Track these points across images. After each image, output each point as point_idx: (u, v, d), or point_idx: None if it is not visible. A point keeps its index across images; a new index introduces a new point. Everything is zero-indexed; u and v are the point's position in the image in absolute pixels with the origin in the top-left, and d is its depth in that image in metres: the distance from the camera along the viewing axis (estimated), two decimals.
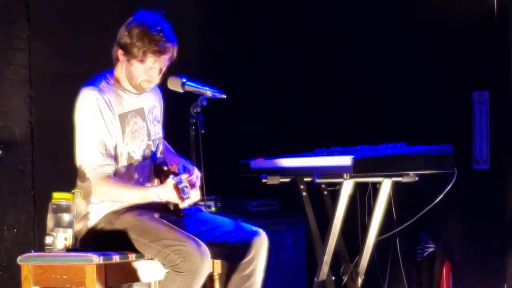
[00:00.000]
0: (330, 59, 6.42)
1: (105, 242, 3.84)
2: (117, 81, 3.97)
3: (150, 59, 3.87)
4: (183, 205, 3.70)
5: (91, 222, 3.90)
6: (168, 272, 3.75)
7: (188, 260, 3.66)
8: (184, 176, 3.71)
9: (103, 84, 3.91)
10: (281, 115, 6.45)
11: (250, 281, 3.96)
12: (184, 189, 3.65)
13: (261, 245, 3.98)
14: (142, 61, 3.87)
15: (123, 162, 3.91)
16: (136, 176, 3.95)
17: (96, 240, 3.88)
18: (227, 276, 3.99)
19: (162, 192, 3.75)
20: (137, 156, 3.96)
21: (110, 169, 3.83)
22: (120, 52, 3.91)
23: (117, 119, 3.88)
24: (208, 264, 3.73)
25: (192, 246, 3.69)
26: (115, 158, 3.88)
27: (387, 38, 6.23)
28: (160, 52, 3.87)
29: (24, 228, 5.10)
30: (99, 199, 3.87)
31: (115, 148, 3.88)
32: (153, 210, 3.94)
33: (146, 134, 4.00)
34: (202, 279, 3.71)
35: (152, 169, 4.03)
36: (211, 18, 6.36)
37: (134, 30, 3.88)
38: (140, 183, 3.98)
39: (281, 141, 5.99)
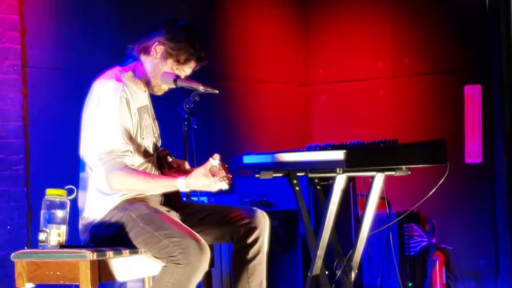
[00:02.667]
0: (323, 55, 6.43)
1: (116, 230, 3.82)
2: (132, 76, 3.96)
3: (191, 65, 3.95)
4: (226, 186, 3.68)
5: (103, 213, 3.87)
6: (165, 266, 3.74)
7: (187, 253, 3.66)
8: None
9: (121, 77, 3.91)
10: (274, 111, 6.46)
11: (259, 257, 3.98)
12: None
13: (265, 222, 4.00)
14: (182, 63, 3.92)
15: (140, 155, 3.90)
16: (149, 167, 3.94)
17: (108, 227, 3.86)
18: (236, 255, 3.99)
19: (193, 180, 3.72)
20: (150, 150, 3.97)
21: (130, 160, 3.81)
22: (159, 48, 3.91)
23: (137, 113, 3.89)
24: (207, 261, 3.72)
25: (192, 240, 3.69)
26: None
27: (381, 33, 6.24)
28: (202, 60, 3.96)
29: (18, 224, 5.09)
30: (114, 189, 3.84)
31: (134, 142, 3.87)
32: (159, 204, 3.94)
33: (152, 131, 4.02)
34: (200, 274, 3.71)
35: (156, 162, 4.03)
36: (206, 13, 6.36)
37: (183, 32, 3.93)
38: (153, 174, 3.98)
39: (273, 137, 6.00)
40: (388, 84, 6.24)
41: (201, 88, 3.93)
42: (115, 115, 3.80)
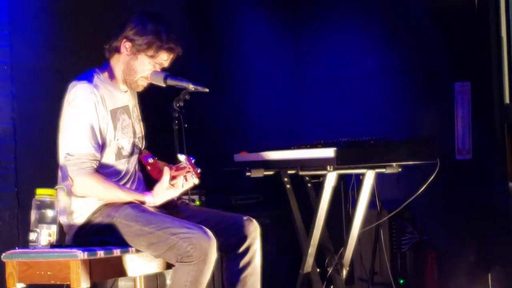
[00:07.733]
0: (313, 52, 6.44)
1: (105, 236, 3.82)
2: (109, 76, 3.97)
3: (163, 56, 3.93)
4: (197, 180, 3.78)
5: (84, 217, 3.87)
6: (175, 267, 3.72)
7: (198, 247, 3.65)
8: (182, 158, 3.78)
9: (95, 79, 3.91)
10: (266, 109, 6.46)
11: (251, 267, 3.97)
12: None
13: (256, 231, 4.00)
14: (152, 56, 3.90)
15: (111, 157, 3.91)
16: (124, 169, 3.95)
17: (95, 234, 3.85)
18: (227, 265, 3.99)
19: (159, 197, 3.84)
20: (126, 152, 3.96)
21: (97, 164, 3.83)
22: (128, 45, 3.91)
23: (109, 114, 3.89)
24: (215, 248, 3.73)
25: (199, 232, 3.69)
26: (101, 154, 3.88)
27: (370, 30, 6.25)
28: (172, 50, 3.94)
29: (8, 225, 5.08)
30: (79, 193, 3.84)
31: (104, 143, 3.87)
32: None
33: (132, 131, 4.01)
34: (212, 264, 3.70)
35: (136, 163, 4.04)
36: (200, 9, 6.35)
37: (149, 25, 3.91)
38: (130, 175, 3.99)
39: (265, 135, 6.00)
40: (378, 81, 6.24)
41: (191, 87, 3.93)
42: (83, 120, 3.82)
